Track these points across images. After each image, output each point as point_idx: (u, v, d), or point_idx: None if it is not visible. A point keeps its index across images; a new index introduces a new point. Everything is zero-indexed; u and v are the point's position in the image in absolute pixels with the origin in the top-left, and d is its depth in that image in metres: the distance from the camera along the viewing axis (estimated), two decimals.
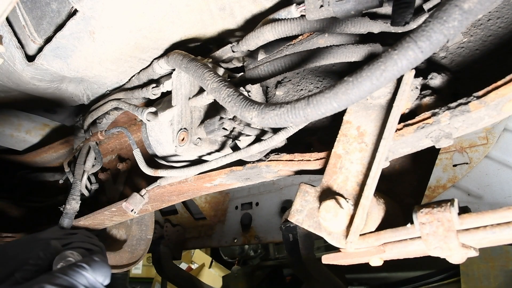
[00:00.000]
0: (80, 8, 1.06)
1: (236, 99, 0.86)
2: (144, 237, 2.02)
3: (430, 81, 0.94)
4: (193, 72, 1.04)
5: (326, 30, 1.05)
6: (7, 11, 0.81)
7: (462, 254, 0.73)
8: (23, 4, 1.19)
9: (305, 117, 0.73)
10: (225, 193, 2.97)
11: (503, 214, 0.66)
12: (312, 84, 1.25)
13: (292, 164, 1.07)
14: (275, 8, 1.13)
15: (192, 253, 5.89)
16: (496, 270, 2.49)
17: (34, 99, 1.59)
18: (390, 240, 0.78)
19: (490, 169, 1.97)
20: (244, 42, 1.15)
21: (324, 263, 0.90)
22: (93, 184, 1.77)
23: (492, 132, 1.97)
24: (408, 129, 0.85)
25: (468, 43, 0.98)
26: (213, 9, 1.15)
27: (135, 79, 1.43)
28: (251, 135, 1.14)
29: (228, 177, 1.23)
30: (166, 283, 5.37)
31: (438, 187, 2.08)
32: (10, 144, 1.99)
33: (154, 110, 1.29)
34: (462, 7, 0.58)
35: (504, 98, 0.73)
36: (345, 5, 0.95)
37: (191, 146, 1.14)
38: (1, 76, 1.42)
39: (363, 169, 0.87)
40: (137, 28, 1.16)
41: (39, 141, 2.03)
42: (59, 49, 1.22)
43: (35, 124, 1.98)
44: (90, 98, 1.62)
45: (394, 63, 0.64)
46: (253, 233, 2.70)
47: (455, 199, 0.72)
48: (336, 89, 0.69)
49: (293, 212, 0.90)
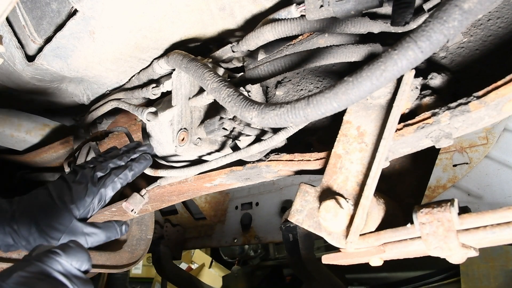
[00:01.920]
0: (80, 8, 1.06)
1: (236, 99, 0.86)
2: (144, 237, 2.02)
3: (430, 81, 0.94)
4: (193, 72, 1.04)
5: (326, 30, 1.05)
6: (7, 11, 0.81)
7: (462, 254, 0.73)
8: (23, 4, 1.19)
9: (305, 117, 0.73)
10: (225, 193, 2.97)
11: (503, 214, 0.66)
12: (312, 84, 1.25)
13: (292, 164, 1.07)
14: (275, 8, 1.13)
15: (192, 253, 5.89)
16: (496, 270, 2.49)
17: (34, 99, 1.60)
18: (390, 240, 0.78)
19: (490, 169, 1.97)
20: (244, 42, 1.15)
21: (324, 263, 0.90)
22: None
23: (492, 132, 1.97)
24: (408, 129, 0.85)
25: (468, 43, 0.98)
26: (213, 9, 1.15)
27: (135, 79, 1.43)
28: (251, 135, 1.14)
29: (228, 177, 1.23)
30: (166, 283, 5.35)
31: (438, 187, 2.08)
32: (10, 144, 1.99)
33: (154, 110, 1.29)
34: (462, 7, 0.58)
35: (504, 98, 0.73)
36: (345, 5, 0.95)
37: (191, 146, 1.14)
38: (1, 76, 1.42)
39: (363, 169, 0.87)
40: (137, 28, 1.16)
41: (39, 141, 2.03)
42: (59, 49, 1.22)
43: (35, 124, 1.97)
44: (90, 98, 1.62)
45: (394, 63, 0.64)
46: (253, 233, 2.70)
47: (455, 199, 0.72)
48: (336, 89, 0.69)
49: (293, 212, 0.90)
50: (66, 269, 0.86)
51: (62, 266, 0.85)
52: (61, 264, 0.85)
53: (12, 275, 0.78)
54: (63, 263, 0.86)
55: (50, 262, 0.84)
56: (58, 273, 0.83)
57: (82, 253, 0.91)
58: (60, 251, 0.87)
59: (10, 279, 0.77)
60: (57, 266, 0.84)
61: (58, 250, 0.87)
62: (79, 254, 0.90)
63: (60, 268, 0.85)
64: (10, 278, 0.78)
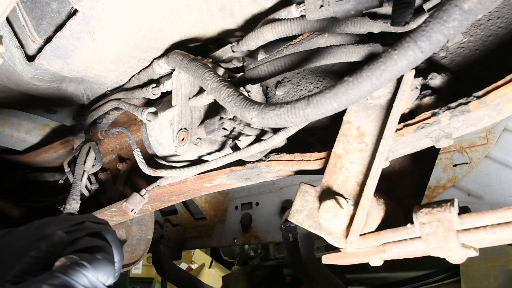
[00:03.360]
0: (80, 8, 1.06)
1: (236, 99, 0.86)
2: (144, 237, 2.02)
3: (430, 81, 0.94)
4: (193, 72, 1.04)
5: (326, 30, 1.05)
6: (7, 11, 0.81)
7: (462, 254, 0.73)
8: (23, 4, 1.19)
9: (305, 117, 0.73)
10: (225, 193, 2.97)
11: (503, 214, 0.66)
12: (312, 84, 1.25)
13: (292, 164, 1.07)
14: (275, 8, 1.13)
15: (192, 253, 5.89)
16: (496, 270, 2.49)
17: (34, 99, 1.59)
18: (390, 240, 0.78)
19: (490, 169, 1.97)
20: (244, 42, 1.15)
21: (324, 263, 0.90)
22: (93, 184, 1.77)
23: (492, 132, 1.97)
24: (408, 129, 0.85)
25: (468, 43, 0.98)
26: (213, 9, 1.15)
27: (135, 79, 1.43)
28: (251, 135, 1.14)
29: (228, 177, 1.23)
30: (166, 283, 5.36)
31: (438, 187, 2.08)
32: (10, 144, 1.99)
33: (154, 110, 1.29)
34: (462, 7, 0.58)
35: (504, 98, 0.73)
36: (345, 5, 0.95)
37: (191, 146, 1.14)
38: (1, 76, 1.41)
39: (363, 169, 0.87)
40: (137, 28, 1.16)
41: (39, 141, 2.03)
42: (59, 49, 1.22)
43: (35, 124, 1.98)
44: (90, 98, 1.62)
45: (394, 63, 0.64)
46: (253, 233, 2.70)
47: (455, 199, 0.72)
48: (336, 89, 0.69)
49: (293, 212, 0.90)
50: (92, 283, 0.80)
51: (88, 280, 0.80)
52: (88, 277, 0.80)
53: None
54: (89, 277, 0.80)
55: (75, 275, 0.78)
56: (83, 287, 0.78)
57: (109, 266, 0.85)
58: (87, 264, 0.81)
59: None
60: (83, 279, 0.79)
61: (84, 262, 0.81)
62: (106, 267, 0.85)
63: (86, 282, 0.79)
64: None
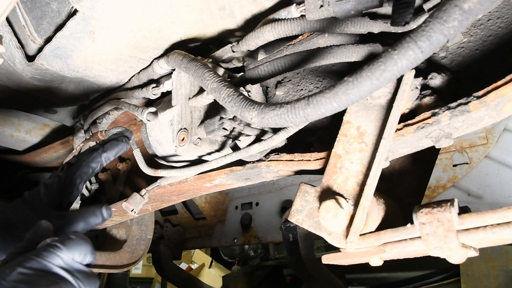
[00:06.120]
0: (80, 8, 1.06)
1: (236, 99, 0.86)
2: (144, 237, 2.02)
3: (430, 81, 0.94)
4: (193, 72, 1.04)
5: (326, 30, 1.05)
6: (7, 11, 0.81)
7: (462, 254, 0.73)
8: (23, 4, 1.19)
9: (305, 117, 0.73)
10: (225, 193, 2.97)
11: (503, 214, 0.66)
12: (312, 84, 1.25)
13: (292, 164, 1.07)
14: (275, 8, 1.13)
15: (192, 253, 5.89)
16: (496, 270, 2.49)
17: (34, 99, 1.59)
18: (390, 240, 0.78)
19: (490, 169, 1.97)
20: (244, 42, 1.15)
21: (324, 263, 0.90)
22: (93, 184, 1.77)
23: (492, 132, 1.97)
24: (408, 129, 0.85)
25: (468, 43, 0.98)
26: (213, 9, 1.15)
27: (135, 79, 1.43)
28: (251, 135, 1.14)
29: (228, 177, 1.23)
30: (166, 283, 5.36)
31: (438, 187, 2.08)
32: (10, 144, 1.99)
33: (154, 110, 1.29)
34: (462, 7, 0.58)
35: (504, 98, 0.73)
36: (345, 5, 0.95)
37: (191, 146, 1.14)
38: (1, 76, 1.42)
39: (363, 169, 0.87)
40: (137, 28, 1.16)
41: (39, 141, 2.03)
42: (59, 49, 1.22)
43: (35, 124, 1.97)
44: (90, 98, 1.62)
45: (394, 63, 0.64)
46: (253, 233, 2.70)
47: (455, 199, 0.72)
48: (336, 89, 0.69)
49: (293, 212, 0.90)
50: (67, 263, 0.83)
51: (63, 261, 0.82)
52: (62, 258, 0.82)
53: (12, 273, 0.76)
54: (64, 258, 0.83)
55: (50, 257, 0.81)
56: (59, 268, 0.81)
57: (84, 245, 0.88)
58: (60, 245, 0.84)
59: (9, 277, 0.75)
60: (57, 260, 0.82)
61: (58, 243, 0.84)
62: (81, 246, 0.87)
63: (61, 263, 0.82)
64: (9, 275, 0.75)
